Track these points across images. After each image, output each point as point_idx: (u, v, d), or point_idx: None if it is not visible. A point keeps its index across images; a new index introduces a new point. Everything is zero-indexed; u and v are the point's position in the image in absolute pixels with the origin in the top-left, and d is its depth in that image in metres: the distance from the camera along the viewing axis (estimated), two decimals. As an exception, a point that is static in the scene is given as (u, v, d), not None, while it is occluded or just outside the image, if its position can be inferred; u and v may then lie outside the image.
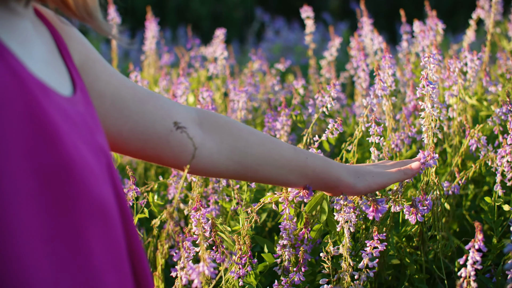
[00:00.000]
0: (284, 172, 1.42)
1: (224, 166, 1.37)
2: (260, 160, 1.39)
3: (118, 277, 1.00)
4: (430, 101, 1.64)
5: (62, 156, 0.90)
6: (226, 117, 1.41)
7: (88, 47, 1.18)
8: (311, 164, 1.43)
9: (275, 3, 7.59)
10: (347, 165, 1.49)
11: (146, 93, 1.27)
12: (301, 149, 1.45)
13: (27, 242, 0.86)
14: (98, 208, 0.95)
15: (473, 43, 2.61)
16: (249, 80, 2.48)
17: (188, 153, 1.30)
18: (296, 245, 1.60)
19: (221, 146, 1.35)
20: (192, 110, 1.36)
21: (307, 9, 2.77)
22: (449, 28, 5.00)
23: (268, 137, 1.42)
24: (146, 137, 1.25)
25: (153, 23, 2.91)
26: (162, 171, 2.42)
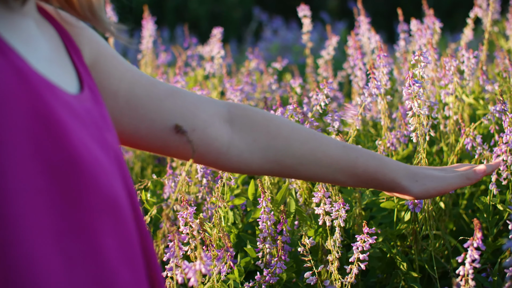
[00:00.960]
0: (331, 171, 1.33)
1: (257, 165, 1.30)
2: (301, 160, 1.30)
3: (133, 274, 0.98)
4: (416, 100, 1.64)
5: (70, 151, 0.89)
6: (266, 113, 1.33)
7: (100, 44, 1.15)
8: (362, 164, 1.33)
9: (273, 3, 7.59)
10: (407, 166, 1.37)
11: (166, 90, 1.22)
12: (354, 146, 1.35)
13: (36, 239, 0.85)
14: (109, 204, 0.94)
15: (471, 42, 2.60)
16: (245, 79, 2.47)
17: (213, 151, 1.25)
18: (275, 237, 1.62)
19: (253, 145, 1.28)
20: (223, 106, 1.28)
21: (304, 8, 2.77)
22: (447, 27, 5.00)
23: (313, 134, 1.33)
24: (165, 136, 1.21)
25: (150, 22, 2.91)
26: (159, 170, 2.42)
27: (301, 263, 1.67)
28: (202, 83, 2.36)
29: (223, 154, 1.26)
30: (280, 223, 1.63)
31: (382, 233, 1.69)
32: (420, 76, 1.68)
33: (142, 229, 1.05)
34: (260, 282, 1.58)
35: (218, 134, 1.25)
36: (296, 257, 1.69)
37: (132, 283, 0.97)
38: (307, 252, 1.58)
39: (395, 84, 2.44)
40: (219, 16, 7.42)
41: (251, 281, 1.60)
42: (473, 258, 1.36)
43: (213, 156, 1.26)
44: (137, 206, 1.05)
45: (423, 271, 1.74)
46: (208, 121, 1.24)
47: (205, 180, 1.86)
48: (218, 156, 1.26)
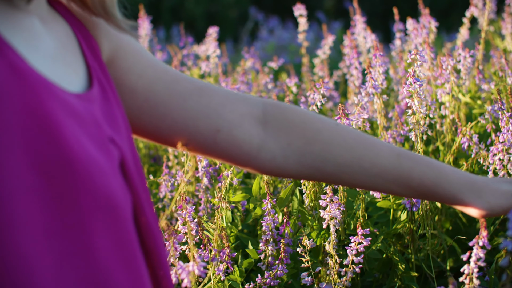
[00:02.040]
0: (381, 181, 1.20)
1: (294, 170, 1.20)
2: (343, 168, 1.18)
3: (129, 275, 0.96)
4: (417, 98, 1.64)
5: (64, 150, 0.88)
6: (306, 114, 1.21)
7: (120, 37, 1.12)
8: (417, 176, 1.18)
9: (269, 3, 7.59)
10: (471, 178, 1.20)
11: (191, 88, 1.15)
12: (409, 154, 1.20)
13: (29, 238, 0.84)
14: (104, 204, 0.92)
15: (467, 41, 2.61)
16: (241, 78, 2.47)
17: (242, 154, 1.17)
18: (278, 239, 1.61)
19: (287, 149, 1.18)
20: (257, 106, 1.19)
21: (300, 7, 2.77)
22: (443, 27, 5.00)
23: (361, 140, 1.20)
24: (188, 136, 1.15)
25: (146, 21, 2.90)
26: (155, 169, 2.41)
27: (299, 263, 1.67)
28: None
29: (254, 158, 1.18)
30: (283, 225, 1.61)
31: (379, 233, 1.69)
32: (417, 74, 1.67)
33: (149, 232, 1.02)
34: (261, 284, 1.58)
35: (246, 136, 1.17)
36: (294, 258, 1.68)
37: (127, 284, 0.95)
38: (305, 253, 1.57)
39: (391, 84, 2.44)
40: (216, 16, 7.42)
41: (251, 282, 1.59)
42: (478, 257, 1.35)
43: (243, 159, 1.18)
44: (143, 205, 1.02)
45: (420, 270, 1.74)
46: (236, 122, 1.16)
47: (206, 180, 1.85)
48: (248, 159, 1.18)
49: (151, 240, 1.03)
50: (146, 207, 1.03)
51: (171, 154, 2.21)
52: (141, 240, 1.02)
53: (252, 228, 1.87)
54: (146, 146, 2.40)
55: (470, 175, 1.21)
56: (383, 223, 1.76)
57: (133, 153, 1.04)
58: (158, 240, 1.05)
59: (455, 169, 1.21)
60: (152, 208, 1.06)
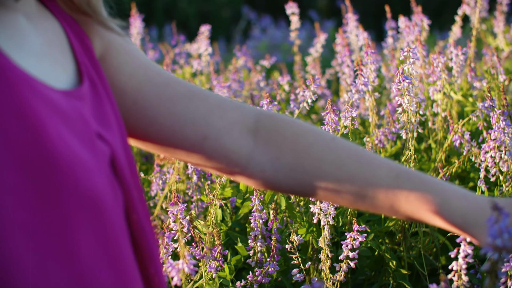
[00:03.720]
0: (372, 203, 1.10)
1: (284, 184, 1.14)
2: (335, 186, 1.10)
3: (114, 274, 0.94)
4: (406, 96, 1.63)
5: (47, 148, 0.86)
6: (300, 127, 1.14)
7: (113, 36, 1.10)
8: (416, 201, 1.07)
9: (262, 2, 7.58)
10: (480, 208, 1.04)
11: (182, 92, 1.12)
12: (412, 174, 1.09)
13: (10, 238, 0.83)
14: (89, 201, 0.90)
15: (459, 39, 2.61)
16: (233, 76, 2.46)
17: (230, 163, 1.13)
18: (266, 235, 1.61)
19: (277, 162, 1.12)
20: (249, 115, 1.14)
21: (292, 5, 2.76)
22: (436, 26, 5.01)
23: (356, 158, 1.11)
24: (175, 142, 1.12)
25: (138, 19, 2.89)
26: (146, 167, 2.40)
27: (288, 260, 1.67)
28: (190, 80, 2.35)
29: (243, 168, 1.13)
30: (271, 220, 1.62)
31: (371, 231, 1.69)
32: (409, 72, 1.67)
33: (140, 230, 1.01)
34: (252, 282, 1.58)
35: (234, 146, 1.12)
36: (284, 255, 1.68)
37: (111, 283, 0.94)
38: (295, 250, 1.57)
39: (383, 82, 2.44)
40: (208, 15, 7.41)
41: (242, 280, 1.59)
42: (466, 253, 1.34)
43: (232, 169, 1.14)
44: (136, 206, 1.01)
45: (412, 268, 1.74)
46: (224, 130, 1.12)
47: (196, 177, 1.84)
48: (237, 169, 1.14)
49: (142, 238, 1.02)
50: (137, 205, 1.02)
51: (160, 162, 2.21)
52: (132, 238, 1.01)
53: (243, 225, 1.87)
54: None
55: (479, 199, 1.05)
56: (375, 221, 1.76)
57: (126, 150, 1.03)
58: (149, 237, 1.03)
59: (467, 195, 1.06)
60: (145, 206, 1.04)
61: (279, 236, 1.61)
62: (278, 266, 1.58)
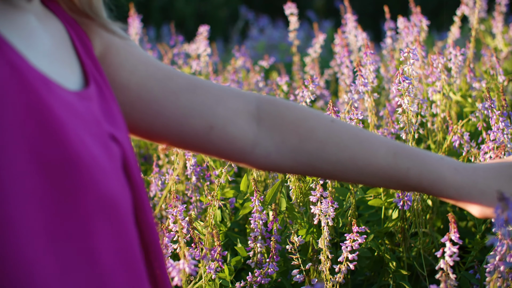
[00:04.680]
0: (377, 180, 1.18)
1: (289, 166, 1.18)
2: (339, 166, 1.16)
3: (129, 276, 0.95)
4: (406, 96, 1.63)
5: (67, 150, 0.86)
6: (301, 111, 1.19)
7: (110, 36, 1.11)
8: (414, 177, 1.15)
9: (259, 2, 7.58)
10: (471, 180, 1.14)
11: (185, 85, 1.14)
12: (408, 153, 1.16)
13: (31, 241, 0.83)
14: (106, 204, 0.91)
15: (458, 40, 2.61)
16: (232, 77, 2.46)
17: (236, 150, 1.15)
18: (266, 236, 1.61)
19: (281, 146, 1.16)
20: (251, 101, 1.17)
21: (290, 5, 2.76)
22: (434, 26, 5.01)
23: (357, 139, 1.17)
24: (182, 133, 1.13)
25: (136, 20, 2.89)
26: (145, 168, 2.40)
27: (288, 261, 1.67)
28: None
29: (248, 154, 1.16)
30: (271, 221, 1.62)
31: (370, 231, 1.69)
32: (409, 73, 1.67)
33: (148, 229, 1.01)
34: (251, 283, 1.58)
35: (240, 133, 1.15)
36: (284, 256, 1.68)
37: (128, 285, 0.94)
38: (295, 250, 1.57)
39: (382, 82, 2.44)
40: (206, 15, 7.41)
41: (242, 281, 1.59)
42: (452, 252, 1.34)
43: (238, 155, 1.17)
44: (144, 205, 1.01)
45: (412, 268, 1.74)
46: (229, 119, 1.14)
47: (195, 178, 1.84)
48: (243, 155, 1.17)
49: (150, 238, 1.02)
50: (146, 205, 1.02)
51: (161, 153, 2.21)
52: (141, 239, 1.01)
53: (243, 226, 1.87)
54: (136, 145, 2.39)
55: (473, 174, 1.15)
56: (374, 221, 1.76)
57: (132, 150, 1.03)
58: (156, 238, 1.04)
59: (459, 170, 1.15)
60: (150, 206, 1.05)
61: (279, 237, 1.61)
62: (277, 267, 1.58)
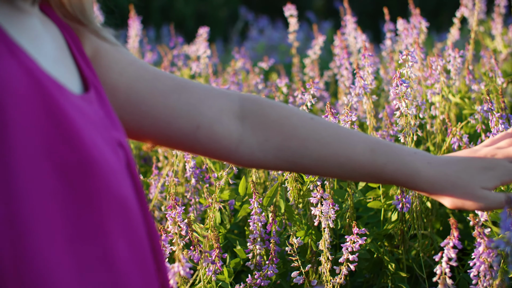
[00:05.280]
0: (356, 175, 1.23)
1: (273, 163, 1.22)
2: (320, 162, 1.20)
3: (143, 277, 0.96)
4: (404, 100, 1.64)
5: (82, 153, 0.88)
6: (283, 109, 1.22)
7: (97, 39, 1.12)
8: (390, 172, 1.20)
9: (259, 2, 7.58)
10: (444, 173, 1.19)
11: (172, 86, 1.16)
12: (384, 149, 1.21)
13: (51, 242, 0.84)
14: (119, 206, 0.92)
15: (457, 41, 2.61)
16: (231, 79, 2.47)
17: (222, 148, 1.18)
18: (265, 238, 1.62)
19: (265, 144, 1.19)
20: (235, 101, 1.20)
21: (290, 7, 2.77)
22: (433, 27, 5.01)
23: (337, 136, 1.21)
24: (170, 133, 1.16)
25: (136, 21, 2.89)
26: (145, 170, 2.40)
27: (287, 263, 1.67)
28: (203, 84, 2.35)
29: (233, 152, 1.20)
30: (270, 223, 1.62)
31: (369, 233, 1.69)
32: (408, 75, 1.68)
33: (151, 230, 1.03)
34: (251, 285, 1.58)
35: (226, 131, 1.18)
36: (283, 257, 1.68)
37: (142, 285, 0.96)
38: (294, 252, 1.58)
39: (381, 84, 2.44)
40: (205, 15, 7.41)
41: (241, 283, 1.59)
42: (450, 257, 1.36)
43: (222, 154, 1.20)
44: (146, 206, 1.03)
45: (411, 271, 1.74)
46: (215, 118, 1.17)
47: (194, 180, 1.85)
48: (227, 153, 1.20)
49: (155, 239, 1.04)
50: (147, 206, 1.04)
51: (161, 155, 2.21)
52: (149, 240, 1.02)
53: (242, 228, 1.87)
54: (136, 146, 2.39)
55: (445, 167, 1.20)
56: (374, 223, 1.76)
57: (131, 152, 1.04)
58: (158, 238, 1.06)
59: (433, 163, 1.20)
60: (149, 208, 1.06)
61: (278, 239, 1.62)
62: (277, 269, 1.59)
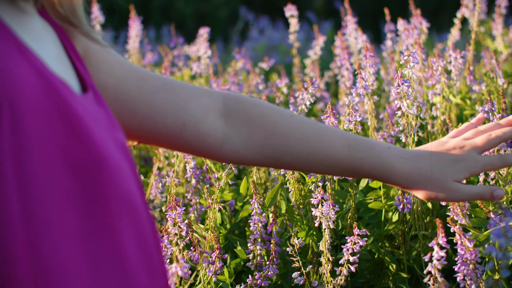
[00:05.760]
0: (335, 170, 1.30)
1: (256, 160, 1.26)
2: (300, 159, 1.25)
3: (151, 276, 0.98)
4: (405, 99, 1.64)
5: (94, 152, 0.89)
6: (265, 107, 1.27)
7: None
8: (367, 166, 1.25)
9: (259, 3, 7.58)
10: (417, 168, 1.26)
11: (159, 85, 1.19)
12: (360, 145, 1.26)
13: (65, 241, 0.86)
14: (127, 205, 0.94)
15: (458, 42, 2.61)
16: (232, 79, 2.46)
17: (206, 146, 1.22)
18: (266, 239, 1.62)
19: (248, 141, 1.23)
20: (218, 99, 1.24)
21: (291, 7, 2.76)
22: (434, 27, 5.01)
23: (317, 133, 1.26)
24: (157, 132, 1.19)
25: (137, 21, 2.89)
26: (145, 170, 2.40)
27: (288, 264, 1.67)
28: (189, 83, 2.35)
29: (217, 149, 1.23)
30: (270, 224, 1.62)
31: (370, 234, 1.69)
32: (409, 76, 1.68)
33: (154, 230, 1.04)
34: (252, 285, 1.58)
35: (211, 129, 1.21)
36: (283, 258, 1.68)
37: (149, 284, 0.97)
38: (295, 253, 1.58)
39: (382, 84, 2.44)
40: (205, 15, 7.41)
41: (242, 284, 1.59)
42: (439, 257, 1.39)
43: (207, 151, 1.23)
44: (148, 207, 1.04)
45: (412, 271, 1.74)
46: (200, 116, 1.20)
47: (194, 181, 1.85)
48: (212, 150, 1.23)
49: (158, 239, 1.05)
50: (149, 207, 1.05)
51: (162, 155, 2.21)
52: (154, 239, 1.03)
53: (242, 229, 1.87)
54: (136, 147, 2.39)
55: (418, 161, 1.25)
56: (375, 224, 1.77)
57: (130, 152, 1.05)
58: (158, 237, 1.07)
59: (406, 158, 1.26)
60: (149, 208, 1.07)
61: (279, 240, 1.62)
62: (277, 269, 1.59)
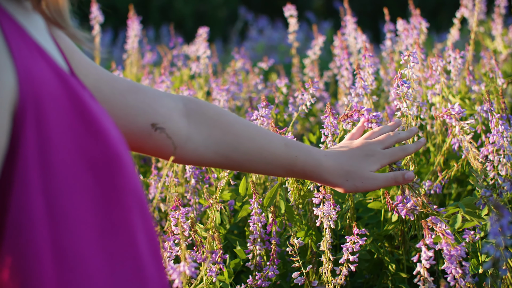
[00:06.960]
0: (271, 167, 1.39)
1: (210, 159, 1.34)
2: (248, 156, 1.35)
3: (158, 270, 0.99)
4: (405, 100, 1.64)
5: (109, 149, 0.91)
6: (217, 108, 1.37)
7: (66, 39, 1.16)
8: (300, 163, 1.38)
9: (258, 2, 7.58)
10: (341, 165, 1.41)
11: (128, 86, 1.24)
12: (294, 144, 1.39)
13: (85, 236, 0.87)
14: (138, 201, 0.96)
15: (457, 42, 2.61)
16: (231, 79, 2.46)
17: (171, 147, 1.27)
18: (265, 239, 1.62)
19: (208, 140, 1.32)
20: (179, 100, 1.32)
21: (290, 7, 2.77)
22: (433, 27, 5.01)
23: (261, 132, 1.38)
24: (128, 131, 1.23)
25: (136, 21, 2.89)
26: (145, 170, 2.40)
27: (288, 264, 1.67)
28: (188, 83, 2.35)
29: (181, 148, 1.29)
30: (270, 224, 1.62)
31: (370, 234, 1.69)
32: (409, 76, 1.67)
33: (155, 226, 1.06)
34: (252, 285, 1.58)
35: (176, 129, 1.28)
36: (283, 258, 1.68)
37: (158, 277, 0.98)
38: (295, 253, 1.58)
39: (381, 84, 2.44)
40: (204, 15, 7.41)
41: (242, 284, 1.59)
42: (427, 257, 1.41)
43: (171, 150, 1.28)
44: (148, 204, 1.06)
45: (411, 271, 1.74)
46: (167, 116, 1.27)
47: (193, 181, 1.84)
48: (176, 150, 1.28)
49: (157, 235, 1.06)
50: None
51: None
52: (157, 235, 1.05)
53: (242, 229, 1.87)
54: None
55: (339, 157, 1.41)
56: (374, 224, 1.76)
57: None
58: None
59: (328, 155, 1.41)
60: None
61: (278, 240, 1.61)
62: (277, 269, 1.58)
